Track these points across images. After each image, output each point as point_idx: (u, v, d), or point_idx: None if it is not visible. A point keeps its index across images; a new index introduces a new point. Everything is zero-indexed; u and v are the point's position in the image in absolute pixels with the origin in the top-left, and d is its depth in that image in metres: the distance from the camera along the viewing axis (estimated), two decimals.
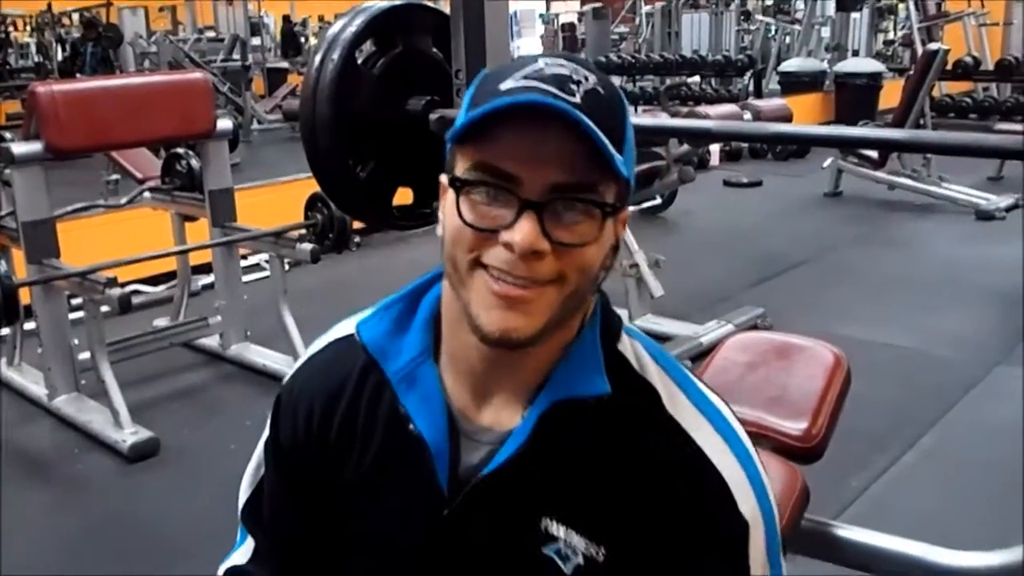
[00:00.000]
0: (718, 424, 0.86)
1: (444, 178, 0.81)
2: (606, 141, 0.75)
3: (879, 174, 6.65)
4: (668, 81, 10.60)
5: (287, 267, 3.85)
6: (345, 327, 0.95)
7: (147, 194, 4.15)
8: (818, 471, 1.49)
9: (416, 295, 0.92)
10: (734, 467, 0.84)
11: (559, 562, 0.83)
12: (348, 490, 0.92)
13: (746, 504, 0.83)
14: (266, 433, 0.99)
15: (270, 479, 0.99)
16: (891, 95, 8.52)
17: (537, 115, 0.74)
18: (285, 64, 12.73)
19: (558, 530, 0.83)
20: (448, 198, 0.80)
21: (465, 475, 0.86)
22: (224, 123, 3.80)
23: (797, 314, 4.20)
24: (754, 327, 3.89)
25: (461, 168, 0.79)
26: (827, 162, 7.00)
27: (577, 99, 0.76)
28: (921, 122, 6.45)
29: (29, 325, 3.50)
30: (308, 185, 3.91)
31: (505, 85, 0.77)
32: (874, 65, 10.00)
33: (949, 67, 7.68)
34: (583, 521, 0.83)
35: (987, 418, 3.15)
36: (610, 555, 0.82)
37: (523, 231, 0.75)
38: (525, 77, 0.77)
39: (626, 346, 0.88)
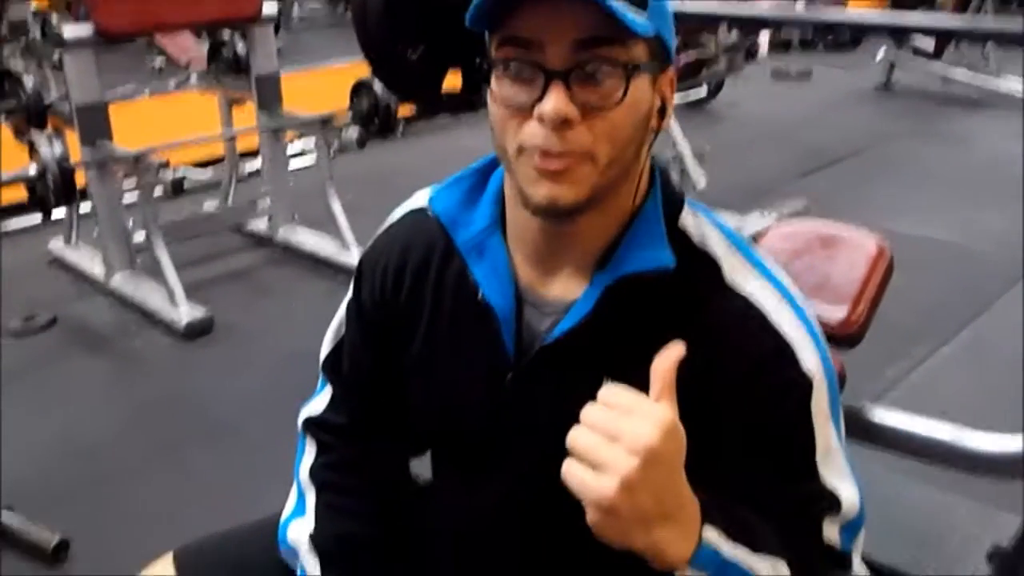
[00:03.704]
0: (779, 288, 0.89)
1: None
2: (612, 2, 0.76)
3: (934, 67, 6.45)
4: None
5: (333, 153, 3.89)
6: (422, 197, 1.00)
7: (194, 78, 4.17)
8: (855, 361, 1.52)
9: (487, 170, 0.96)
10: (795, 327, 0.87)
11: None
12: (418, 352, 0.98)
13: (809, 362, 0.86)
14: (349, 294, 1.06)
15: (351, 336, 1.06)
16: None
17: None
18: None
19: None
20: (491, 87, 0.83)
21: (529, 343, 0.91)
22: (270, 6, 3.79)
23: (842, 207, 4.15)
24: None
25: (493, 51, 0.82)
26: (880, 54, 6.79)
27: None
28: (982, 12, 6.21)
29: (84, 208, 3.60)
30: (352, 71, 3.93)
31: None
32: None
33: None
34: (645, 388, 0.85)
35: None
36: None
37: (551, 100, 0.78)
38: None
39: (687, 219, 0.91)
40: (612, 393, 0.75)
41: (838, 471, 0.88)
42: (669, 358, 0.76)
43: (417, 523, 1.10)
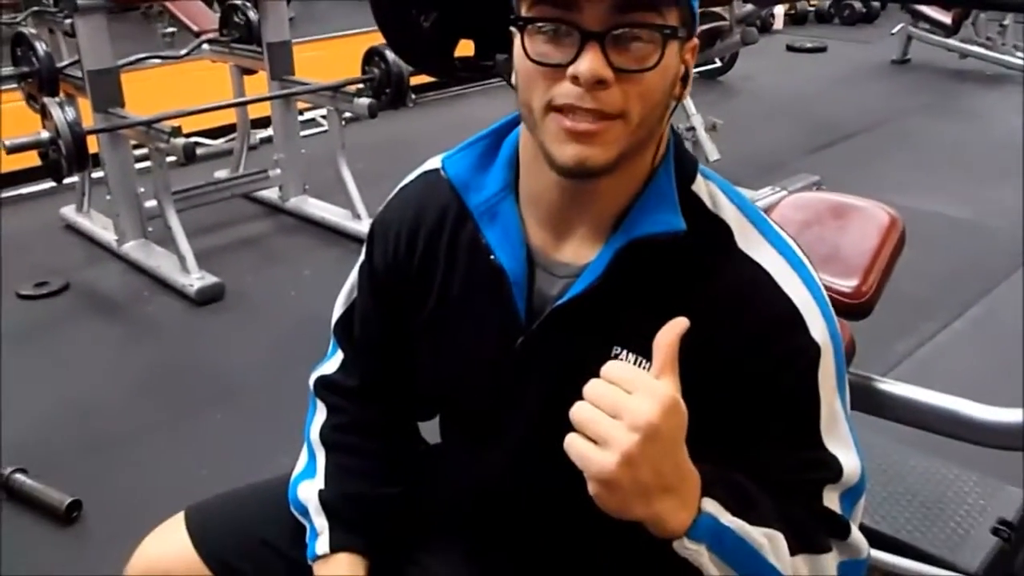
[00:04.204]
0: (788, 256, 0.89)
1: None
2: None
3: (951, 41, 6.38)
4: None
5: (344, 122, 3.89)
6: (435, 161, 1.00)
7: (206, 46, 4.16)
8: (865, 333, 1.52)
9: (500, 133, 0.96)
10: (804, 295, 0.87)
11: None
12: (430, 314, 0.98)
13: (817, 329, 0.86)
14: (361, 258, 1.06)
15: (362, 300, 1.06)
16: None
17: None
18: None
19: (628, 358, 0.87)
20: (517, 44, 0.82)
21: (541, 306, 0.91)
22: None
23: (854, 182, 4.13)
24: None
25: (524, 8, 0.81)
26: (897, 27, 6.73)
27: None
28: None
29: (96, 174, 3.60)
30: (364, 40, 3.91)
31: None
32: None
33: None
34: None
35: None
36: (680, 383, 0.84)
37: (587, 60, 0.78)
38: None
39: (700, 186, 0.91)
40: (616, 368, 0.76)
41: (841, 439, 0.88)
42: (672, 332, 0.77)
43: (425, 485, 1.12)
